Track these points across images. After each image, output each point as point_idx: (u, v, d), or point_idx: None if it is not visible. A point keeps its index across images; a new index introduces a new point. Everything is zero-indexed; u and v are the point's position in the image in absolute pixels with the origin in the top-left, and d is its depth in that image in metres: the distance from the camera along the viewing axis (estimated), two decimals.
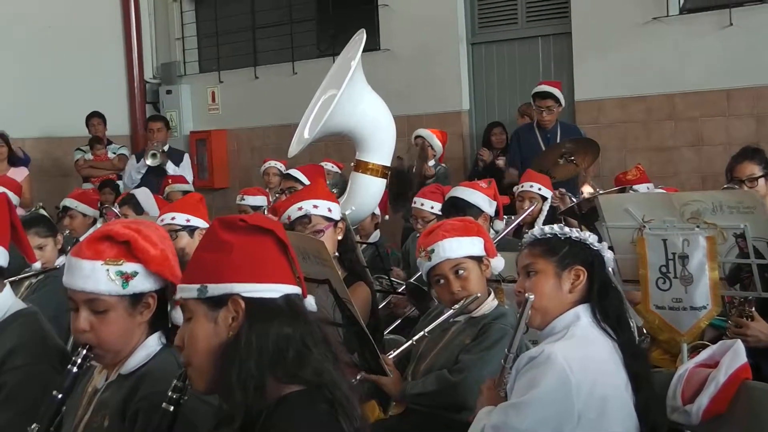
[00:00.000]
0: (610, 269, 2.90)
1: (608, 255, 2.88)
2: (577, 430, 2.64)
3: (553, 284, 2.80)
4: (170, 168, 9.08)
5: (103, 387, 2.48)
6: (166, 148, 9.41)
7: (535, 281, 2.82)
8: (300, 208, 4.19)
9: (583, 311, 2.80)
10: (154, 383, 2.36)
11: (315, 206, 4.20)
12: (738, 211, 3.48)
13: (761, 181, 4.68)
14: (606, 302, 2.81)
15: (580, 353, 2.66)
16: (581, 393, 2.61)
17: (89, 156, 9.80)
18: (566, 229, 2.88)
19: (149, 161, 9.10)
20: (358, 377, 3.34)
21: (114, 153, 9.86)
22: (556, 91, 7.59)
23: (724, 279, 3.67)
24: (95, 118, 10.00)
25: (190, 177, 8.96)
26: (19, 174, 8.64)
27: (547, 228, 2.89)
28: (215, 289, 2.03)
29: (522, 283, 2.86)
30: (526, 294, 2.79)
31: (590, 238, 2.87)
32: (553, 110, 7.57)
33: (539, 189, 6.11)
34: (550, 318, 2.81)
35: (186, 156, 9.58)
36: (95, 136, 9.88)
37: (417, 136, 8.17)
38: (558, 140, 7.50)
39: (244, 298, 2.03)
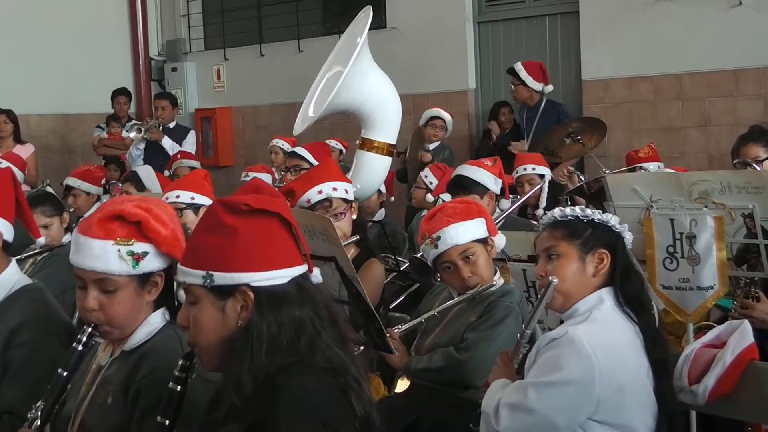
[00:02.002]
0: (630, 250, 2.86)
1: (629, 236, 2.83)
2: (594, 416, 2.61)
3: (576, 268, 2.75)
4: (167, 144, 9.03)
5: (107, 364, 2.48)
6: (172, 125, 9.38)
7: (557, 265, 2.76)
8: (320, 192, 4.17)
9: (606, 294, 2.76)
10: (156, 360, 2.36)
11: (334, 189, 4.18)
12: (746, 191, 3.47)
13: (766, 163, 4.65)
14: (628, 285, 2.77)
15: (604, 339, 2.62)
16: (603, 380, 2.58)
17: (105, 135, 9.77)
18: (588, 211, 2.82)
19: (132, 134, 9.05)
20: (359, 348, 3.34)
21: (128, 132, 9.79)
22: (519, 68, 7.82)
23: (731, 259, 3.66)
24: (121, 96, 9.92)
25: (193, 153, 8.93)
26: (24, 151, 8.64)
27: (568, 210, 2.83)
28: (222, 278, 2.00)
29: (543, 266, 2.81)
30: (550, 277, 2.74)
31: (612, 219, 2.81)
32: (516, 85, 7.82)
33: (534, 169, 6.08)
34: (573, 301, 2.76)
35: (191, 133, 9.53)
36: (111, 114, 9.82)
37: (435, 117, 8.14)
38: (536, 120, 7.68)
39: (252, 287, 2.00)
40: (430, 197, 5.81)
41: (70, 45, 10.43)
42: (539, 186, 5.94)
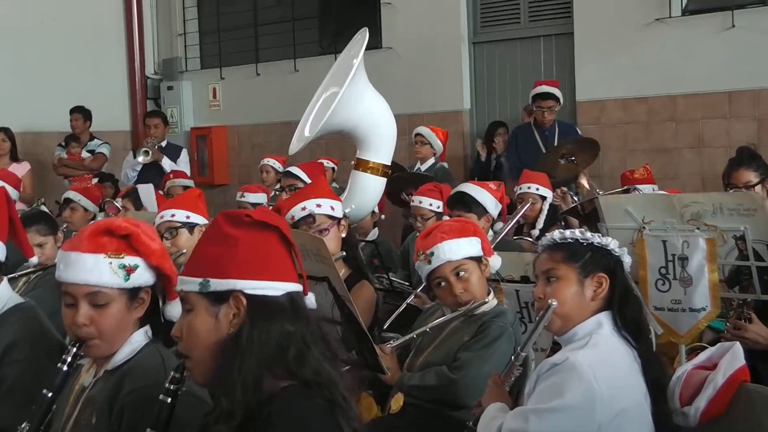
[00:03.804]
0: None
1: (627, 260, 2.84)
2: None
3: (575, 291, 2.75)
4: (166, 164, 9.02)
5: (90, 384, 2.48)
6: (164, 144, 9.37)
7: (556, 287, 2.76)
8: (303, 208, 4.18)
9: (605, 319, 2.76)
10: (138, 379, 2.36)
11: (318, 205, 4.19)
12: (738, 213, 3.48)
13: (758, 188, 4.65)
14: (627, 309, 2.77)
15: (604, 364, 2.62)
16: (604, 406, 2.58)
17: (65, 155, 9.72)
18: (588, 234, 2.82)
19: (140, 158, 9.02)
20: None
21: (89, 152, 9.72)
22: (557, 91, 7.65)
23: (723, 281, 3.67)
24: (75, 113, 9.80)
25: (187, 172, 8.91)
26: (20, 169, 8.65)
27: (567, 232, 2.83)
28: (218, 284, 2.03)
29: (542, 288, 2.81)
30: (550, 300, 2.75)
31: (611, 243, 2.81)
32: (555, 110, 7.62)
33: (537, 189, 6.15)
34: (572, 324, 2.76)
35: (184, 151, 9.51)
36: (71, 134, 9.76)
37: (416, 134, 8.15)
38: (556, 138, 7.57)
39: (246, 295, 2.03)
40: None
41: (66, 63, 10.43)
42: (531, 206, 5.97)
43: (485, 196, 5.16)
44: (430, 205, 5.58)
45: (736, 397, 2.78)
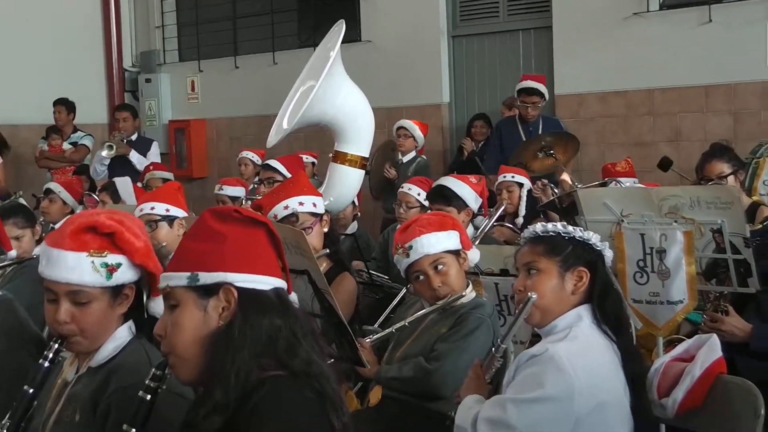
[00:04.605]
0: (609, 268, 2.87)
1: (609, 254, 2.85)
2: None
3: (555, 284, 2.76)
4: (134, 158, 8.90)
5: (73, 380, 2.46)
6: (134, 137, 9.27)
7: (536, 280, 2.77)
8: (286, 207, 4.16)
9: (584, 312, 2.77)
10: (124, 377, 2.34)
11: (301, 203, 4.18)
12: (715, 206, 3.51)
13: (730, 178, 4.71)
14: (607, 303, 2.78)
15: (584, 357, 2.63)
16: (582, 398, 2.59)
17: (46, 147, 9.65)
18: (569, 228, 2.83)
19: (104, 152, 8.91)
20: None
21: (71, 144, 9.64)
22: (542, 87, 7.65)
23: (700, 274, 3.69)
24: (57, 105, 9.72)
25: None
26: None
27: (550, 225, 2.84)
28: (207, 277, 2.03)
29: (523, 281, 2.82)
30: (529, 293, 2.75)
31: (593, 237, 2.82)
32: (539, 106, 7.63)
33: (513, 177, 6.22)
34: (551, 317, 2.77)
35: (155, 144, 9.36)
36: (51, 126, 9.69)
37: (399, 127, 8.17)
38: (540, 133, 7.55)
39: (236, 287, 2.03)
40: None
41: (43, 57, 10.36)
42: (502, 208, 5.98)
43: (465, 190, 5.18)
44: (418, 194, 5.64)
45: (714, 389, 2.81)
